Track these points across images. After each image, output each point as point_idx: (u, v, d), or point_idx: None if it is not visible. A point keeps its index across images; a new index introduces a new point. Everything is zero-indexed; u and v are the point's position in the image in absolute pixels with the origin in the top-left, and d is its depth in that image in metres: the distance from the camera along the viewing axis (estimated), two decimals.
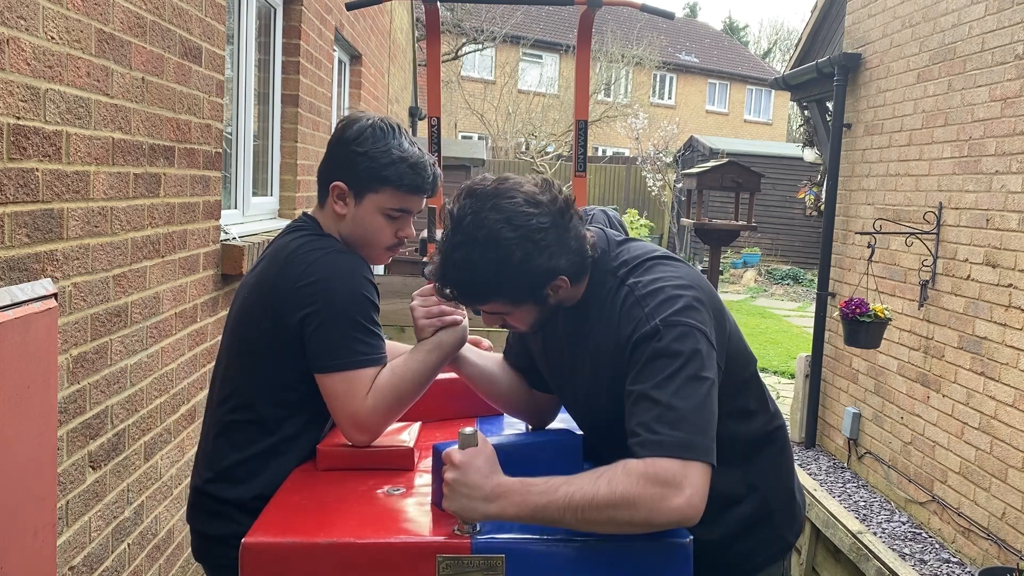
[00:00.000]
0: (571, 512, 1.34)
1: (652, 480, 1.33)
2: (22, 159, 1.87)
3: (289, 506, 1.50)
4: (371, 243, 1.82)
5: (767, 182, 9.32)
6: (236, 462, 1.77)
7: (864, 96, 6.22)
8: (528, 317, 1.60)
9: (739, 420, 1.66)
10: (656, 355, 1.44)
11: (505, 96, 21.23)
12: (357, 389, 1.66)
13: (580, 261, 1.55)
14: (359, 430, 1.68)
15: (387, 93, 8.54)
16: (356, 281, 1.70)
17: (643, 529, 1.35)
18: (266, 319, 1.74)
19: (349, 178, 1.79)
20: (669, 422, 1.37)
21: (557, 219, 1.51)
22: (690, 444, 1.36)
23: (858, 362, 6.04)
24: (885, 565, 2.90)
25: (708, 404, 1.42)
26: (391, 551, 1.37)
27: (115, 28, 2.30)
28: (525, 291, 1.53)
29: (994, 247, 4.48)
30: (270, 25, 4.38)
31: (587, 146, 3.20)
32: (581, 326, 1.62)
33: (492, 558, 1.36)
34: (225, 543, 1.68)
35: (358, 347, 1.67)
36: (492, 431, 1.97)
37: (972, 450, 4.62)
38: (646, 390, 1.42)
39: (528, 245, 1.48)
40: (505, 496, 1.36)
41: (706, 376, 1.44)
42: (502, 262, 1.48)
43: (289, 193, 4.59)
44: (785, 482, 1.75)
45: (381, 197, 1.78)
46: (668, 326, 1.45)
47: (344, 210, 1.80)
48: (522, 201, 1.50)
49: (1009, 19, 4.48)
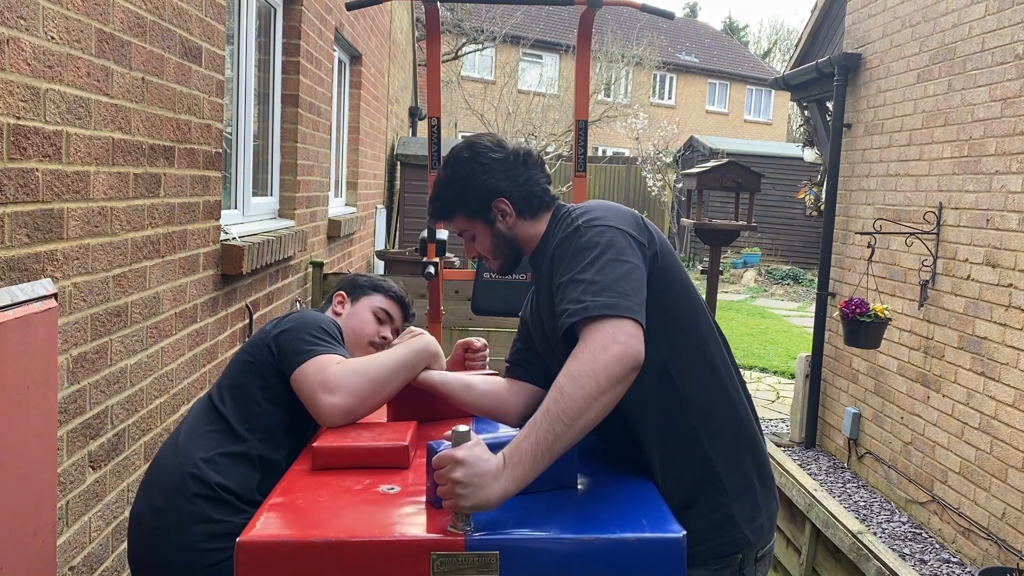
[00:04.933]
0: (558, 423, 1.41)
1: (593, 348, 1.44)
2: (22, 159, 1.87)
3: (284, 504, 1.50)
4: (358, 336, 2.23)
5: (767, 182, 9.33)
6: (203, 460, 1.89)
7: (864, 96, 6.22)
8: (486, 240, 1.83)
9: (687, 372, 1.68)
10: (577, 250, 1.59)
11: (505, 96, 21.22)
12: (324, 366, 1.86)
13: (525, 195, 1.81)
14: (329, 392, 1.83)
15: (387, 93, 8.54)
16: (324, 317, 2.04)
17: (613, 394, 1.44)
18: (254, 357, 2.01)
19: (348, 290, 2.33)
20: (593, 292, 1.50)
21: (511, 159, 1.81)
22: (612, 305, 1.48)
23: (858, 362, 6.04)
24: (885, 565, 2.90)
25: (632, 276, 1.54)
26: (386, 549, 1.37)
27: (115, 28, 2.30)
28: (474, 206, 1.81)
29: (994, 247, 4.48)
30: (270, 25, 4.38)
31: (587, 146, 3.20)
32: (540, 261, 1.79)
33: (486, 555, 1.36)
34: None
35: (322, 346, 1.92)
36: (487, 429, 1.97)
37: (972, 450, 4.62)
38: (571, 276, 1.56)
39: (475, 166, 1.80)
40: (507, 463, 1.39)
41: (627, 259, 1.56)
42: (455, 177, 1.82)
43: (289, 193, 4.59)
44: (744, 468, 1.71)
45: (372, 299, 2.29)
46: (588, 226, 1.62)
47: (342, 311, 2.28)
48: (487, 141, 1.84)
49: (1009, 19, 4.48)
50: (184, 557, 1.80)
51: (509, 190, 1.80)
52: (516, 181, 1.81)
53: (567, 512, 1.48)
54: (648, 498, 1.57)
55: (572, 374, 1.43)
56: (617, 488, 1.62)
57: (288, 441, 1.96)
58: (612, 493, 1.59)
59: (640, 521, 1.46)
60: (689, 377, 1.67)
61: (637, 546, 1.39)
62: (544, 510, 1.46)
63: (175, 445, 1.93)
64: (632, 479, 1.66)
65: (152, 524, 1.86)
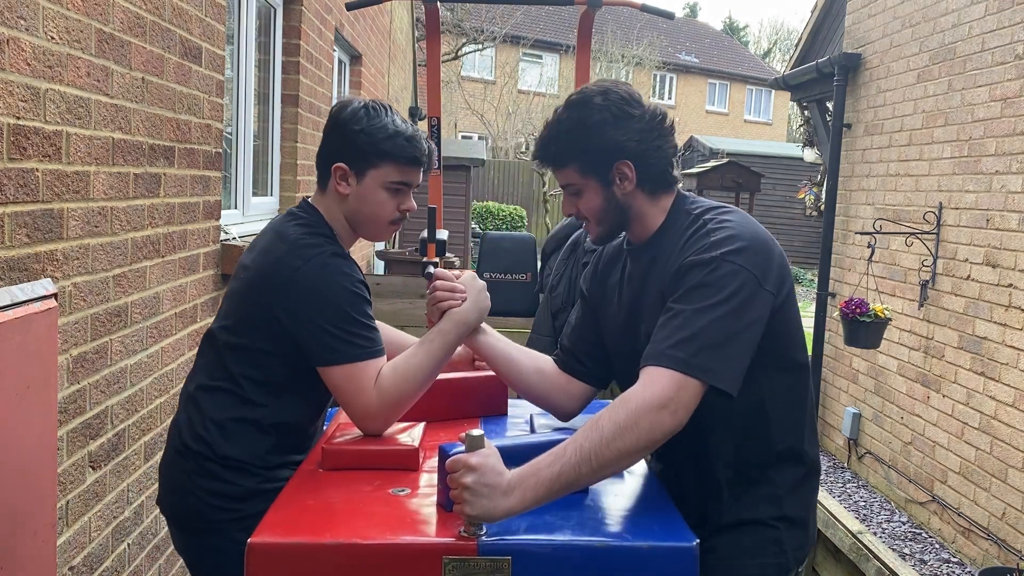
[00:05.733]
0: (585, 463, 1.38)
1: (649, 403, 1.40)
2: (22, 159, 1.87)
3: (295, 506, 1.50)
4: (375, 218, 1.88)
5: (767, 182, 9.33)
6: (212, 421, 1.80)
7: (864, 96, 6.22)
8: (595, 201, 1.65)
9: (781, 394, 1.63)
10: (705, 284, 1.48)
11: (505, 96, 21.23)
12: (363, 381, 1.71)
13: (654, 167, 1.63)
14: (371, 421, 1.74)
15: (387, 93, 8.54)
16: (346, 279, 1.75)
17: (644, 449, 1.41)
18: (254, 303, 1.78)
19: (350, 157, 1.84)
20: (694, 347, 1.43)
21: (648, 120, 1.61)
22: (704, 369, 1.41)
23: (858, 362, 6.04)
24: (885, 565, 2.90)
25: (741, 338, 1.46)
26: (397, 552, 1.37)
27: (115, 28, 2.30)
28: (593, 161, 1.61)
29: (994, 247, 4.48)
30: (270, 25, 4.38)
31: None
32: (653, 263, 1.65)
33: (498, 560, 1.36)
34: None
35: (356, 340, 1.72)
36: (496, 431, 1.97)
37: (972, 450, 4.62)
38: (683, 310, 1.47)
39: (607, 115, 1.59)
40: (520, 484, 1.37)
41: (746, 317, 1.47)
42: (580, 122, 1.60)
43: (289, 193, 4.59)
44: (807, 504, 1.68)
45: (382, 172, 1.84)
46: (725, 260, 1.49)
47: (347, 190, 1.85)
48: (623, 91, 1.63)
49: (1009, 19, 4.48)
50: (198, 510, 1.80)
51: (638, 154, 1.61)
52: (647, 145, 1.62)
53: (580, 518, 1.47)
54: (661, 506, 1.56)
55: (619, 422, 1.40)
56: (630, 495, 1.62)
57: (300, 401, 1.85)
58: (625, 500, 1.59)
59: (653, 529, 1.46)
60: (781, 419, 1.63)
61: (650, 554, 1.38)
62: (557, 516, 1.46)
63: (186, 397, 1.89)
64: (645, 487, 1.66)
65: (167, 475, 1.87)
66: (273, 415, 1.81)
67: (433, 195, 3.17)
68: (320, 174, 1.90)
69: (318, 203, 1.89)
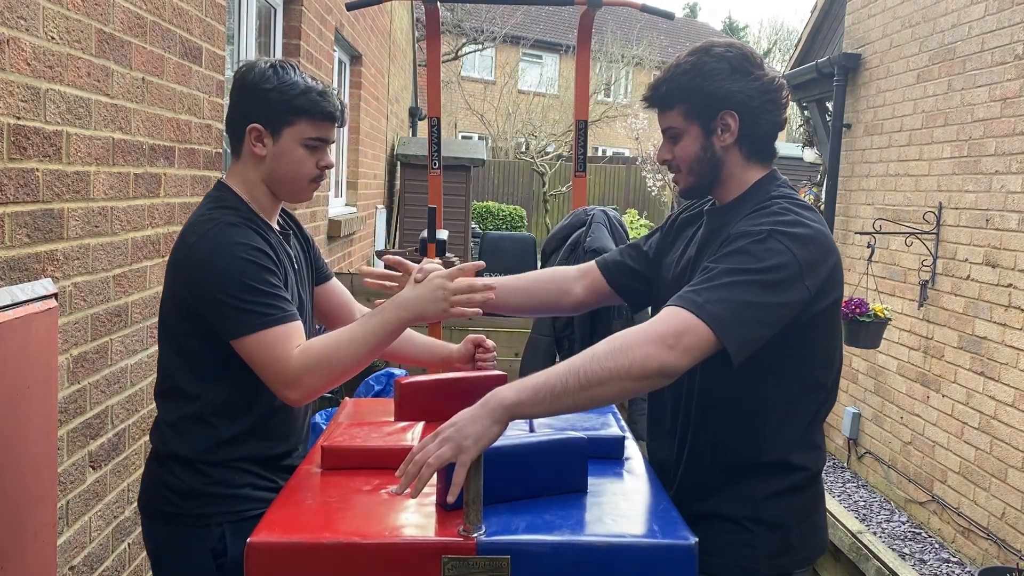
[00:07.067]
0: (573, 375, 1.37)
1: (652, 334, 1.38)
2: (22, 159, 1.87)
3: (294, 506, 1.50)
4: (295, 176, 1.84)
5: None
6: (165, 423, 1.78)
7: (864, 96, 6.22)
8: (692, 148, 1.63)
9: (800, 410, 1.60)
10: (745, 251, 1.46)
11: (505, 96, 21.23)
12: (274, 349, 1.67)
13: (760, 127, 1.61)
14: (288, 388, 1.69)
15: (387, 93, 8.54)
16: (240, 249, 1.70)
17: (633, 386, 1.39)
18: (166, 290, 1.78)
19: (263, 117, 1.80)
20: (716, 299, 1.40)
21: (765, 83, 1.60)
22: (717, 319, 1.39)
23: (858, 362, 6.04)
24: (885, 565, 2.91)
25: (756, 309, 1.42)
26: (397, 551, 1.37)
27: (115, 28, 2.30)
28: (701, 105, 1.60)
29: (994, 247, 4.48)
30: (270, 25, 4.38)
31: (587, 146, 3.20)
32: (719, 229, 1.63)
33: (498, 559, 1.36)
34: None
35: (258, 308, 1.67)
36: None
37: (972, 450, 4.62)
38: (715, 268, 1.46)
39: (726, 65, 1.58)
40: (498, 391, 1.38)
41: (777, 297, 1.43)
42: (698, 67, 1.60)
43: None
44: (794, 512, 1.62)
45: (298, 128, 1.81)
46: (777, 236, 1.46)
47: (263, 151, 1.81)
48: (750, 51, 1.62)
49: (1009, 19, 4.48)
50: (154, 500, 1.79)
51: (746, 109, 1.59)
52: (757, 104, 1.60)
53: (578, 517, 1.47)
54: (660, 504, 1.56)
55: (615, 344, 1.39)
56: (629, 493, 1.62)
57: (228, 383, 1.79)
58: (624, 498, 1.59)
59: (652, 527, 1.46)
60: (777, 429, 1.59)
61: (649, 552, 1.39)
62: (555, 515, 1.46)
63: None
64: (644, 484, 1.66)
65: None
66: (209, 404, 1.77)
67: (433, 195, 3.17)
68: (233, 140, 1.85)
69: (232, 177, 1.85)
